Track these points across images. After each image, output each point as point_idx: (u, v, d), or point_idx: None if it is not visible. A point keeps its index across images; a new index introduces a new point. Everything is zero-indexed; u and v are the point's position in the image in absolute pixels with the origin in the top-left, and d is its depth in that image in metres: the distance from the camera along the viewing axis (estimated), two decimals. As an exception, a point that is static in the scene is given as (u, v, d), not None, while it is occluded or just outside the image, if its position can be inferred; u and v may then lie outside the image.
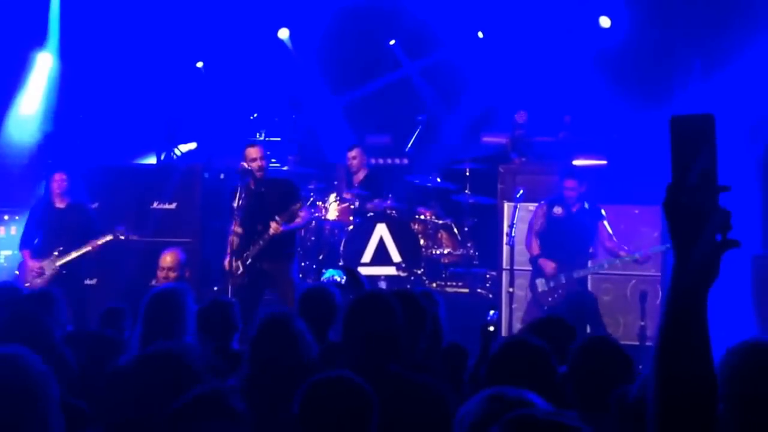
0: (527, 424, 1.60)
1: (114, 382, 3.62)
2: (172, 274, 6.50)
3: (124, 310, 5.07)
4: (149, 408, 2.63)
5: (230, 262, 7.22)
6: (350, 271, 4.87)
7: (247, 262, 7.31)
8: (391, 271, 8.78)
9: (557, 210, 7.77)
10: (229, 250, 7.35)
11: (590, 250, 7.78)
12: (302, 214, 7.56)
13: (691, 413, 1.43)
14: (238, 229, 7.42)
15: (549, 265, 7.68)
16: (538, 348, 3.25)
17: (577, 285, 7.69)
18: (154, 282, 6.62)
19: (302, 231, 9.28)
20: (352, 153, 9.77)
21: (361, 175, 9.79)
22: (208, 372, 3.46)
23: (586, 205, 7.80)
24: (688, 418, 1.43)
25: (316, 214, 9.20)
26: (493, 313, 5.95)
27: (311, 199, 9.37)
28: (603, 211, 7.84)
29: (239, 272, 7.27)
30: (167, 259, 6.64)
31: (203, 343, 4.33)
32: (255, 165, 7.43)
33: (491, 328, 5.04)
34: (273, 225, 7.25)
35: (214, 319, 4.38)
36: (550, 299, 7.68)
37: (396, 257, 8.84)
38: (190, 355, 3.02)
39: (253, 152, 7.50)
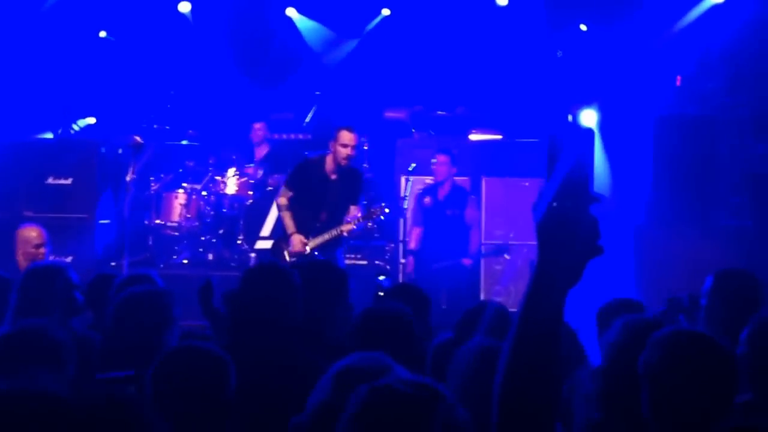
0: (387, 397, 1.56)
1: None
2: (42, 250, 6.03)
3: (10, 282, 4.97)
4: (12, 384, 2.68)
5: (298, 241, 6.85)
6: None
7: (306, 253, 6.86)
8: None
9: (426, 200, 7.92)
10: (293, 228, 6.92)
11: (466, 239, 7.90)
12: (358, 210, 7.13)
13: (533, 402, 1.48)
14: (285, 201, 7.03)
15: (409, 263, 7.90)
16: (399, 311, 3.27)
17: (452, 277, 7.74)
18: (22, 261, 5.98)
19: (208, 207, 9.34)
20: (258, 125, 9.85)
21: (263, 150, 9.88)
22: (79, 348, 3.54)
23: (459, 184, 7.99)
24: (529, 409, 1.48)
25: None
26: (384, 279, 6.13)
27: (210, 173, 9.41)
28: (473, 196, 8.04)
29: (291, 259, 6.79)
30: (32, 234, 6.10)
31: (86, 318, 4.38)
32: (345, 152, 6.90)
33: (382, 294, 5.16)
34: (347, 226, 6.90)
35: (98, 294, 4.40)
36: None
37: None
38: (53, 331, 3.08)
39: (348, 137, 6.93)
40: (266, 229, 9.08)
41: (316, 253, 6.88)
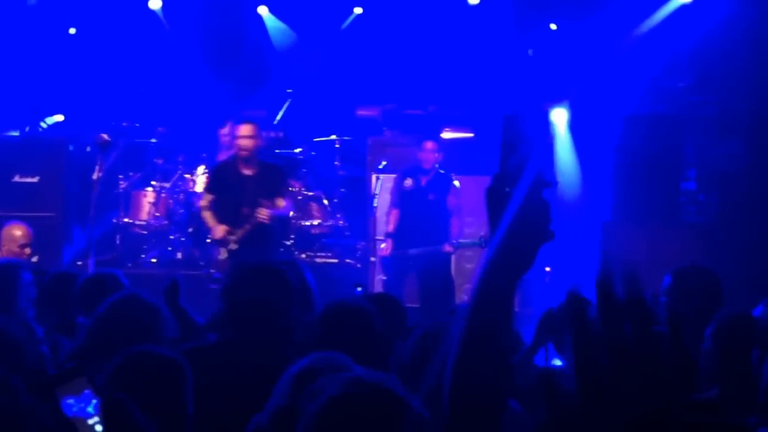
0: (345, 406, 1.56)
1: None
2: (27, 250, 6.06)
3: None
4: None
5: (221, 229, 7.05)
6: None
7: (230, 247, 7.02)
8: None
9: (407, 182, 7.78)
10: (214, 222, 7.16)
11: (447, 225, 7.72)
12: (285, 202, 7.31)
13: (483, 385, 1.43)
14: (205, 203, 7.24)
15: (387, 245, 7.75)
16: (360, 306, 3.27)
17: (426, 262, 7.65)
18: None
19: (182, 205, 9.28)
20: (224, 130, 9.68)
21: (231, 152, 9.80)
22: (39, 345, 3.50)
23: (442, 171, 7.83)
24: (478, 402, 1.43)
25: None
26: (360, 290, 6.13)
27: (179, 171, 9.34)
28: (456, 183, 7.83)
29: (222, 257, 6.99)
30: (17, 233, 6.12)
31: (46, 317, 4.33)
32: (241, 143, 7.10)
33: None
34: (264, 212, 7.02)
35: (56, 293, 4.35)
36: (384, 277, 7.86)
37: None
38: (12, 329, 3.04)
39: (243, 129, 7.15)
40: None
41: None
